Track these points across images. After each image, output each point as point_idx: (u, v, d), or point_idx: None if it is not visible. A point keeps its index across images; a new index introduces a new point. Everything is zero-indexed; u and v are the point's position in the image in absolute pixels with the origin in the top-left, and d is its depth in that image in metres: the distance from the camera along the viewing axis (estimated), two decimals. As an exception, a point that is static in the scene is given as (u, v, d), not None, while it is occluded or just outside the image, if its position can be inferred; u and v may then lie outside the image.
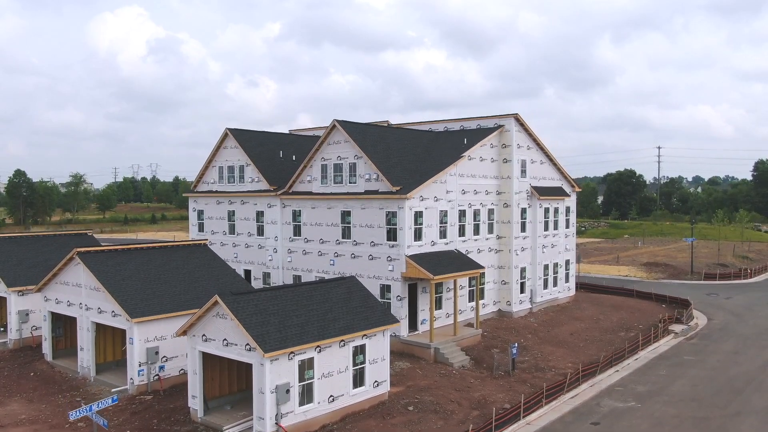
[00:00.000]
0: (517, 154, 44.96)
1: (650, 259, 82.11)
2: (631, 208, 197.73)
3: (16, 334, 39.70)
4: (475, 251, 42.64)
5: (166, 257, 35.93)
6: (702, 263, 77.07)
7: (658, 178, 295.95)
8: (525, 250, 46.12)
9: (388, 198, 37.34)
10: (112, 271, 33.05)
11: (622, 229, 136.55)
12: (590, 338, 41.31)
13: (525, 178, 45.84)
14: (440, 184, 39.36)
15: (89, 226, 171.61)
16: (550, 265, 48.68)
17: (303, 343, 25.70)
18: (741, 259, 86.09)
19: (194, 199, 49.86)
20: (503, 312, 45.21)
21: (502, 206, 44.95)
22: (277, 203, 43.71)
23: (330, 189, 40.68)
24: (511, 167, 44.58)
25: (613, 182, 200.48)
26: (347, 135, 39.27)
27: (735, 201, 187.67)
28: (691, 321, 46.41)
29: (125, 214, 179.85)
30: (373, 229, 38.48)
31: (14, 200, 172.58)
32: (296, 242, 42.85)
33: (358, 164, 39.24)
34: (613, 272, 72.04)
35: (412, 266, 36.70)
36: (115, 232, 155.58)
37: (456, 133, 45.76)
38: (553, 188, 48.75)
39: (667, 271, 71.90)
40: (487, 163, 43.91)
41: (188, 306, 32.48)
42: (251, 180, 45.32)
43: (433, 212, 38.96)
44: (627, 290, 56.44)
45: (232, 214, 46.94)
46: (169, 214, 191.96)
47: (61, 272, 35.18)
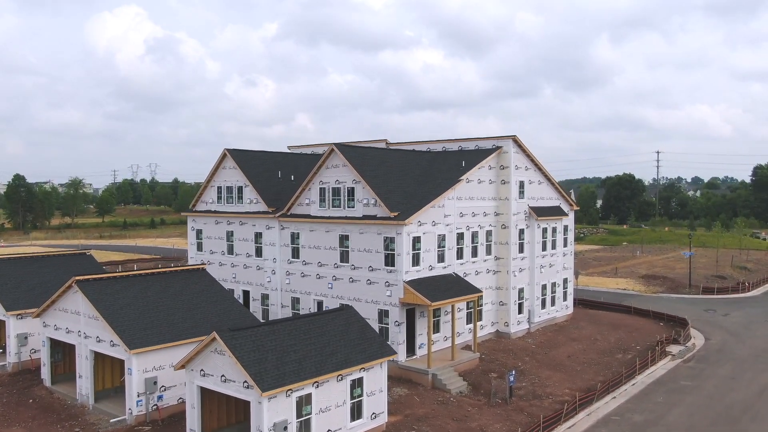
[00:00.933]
0: (516, 175, 45.07)
1: (648, 271, 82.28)
2: (630, 213, 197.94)
3: (15, 357, 39.76)
4: (473, 273, 42.75)
5: (164, 284, 35.99)
6: (700, 275, 77.22)
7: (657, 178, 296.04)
8: (523, 271, 46.22)
9: (386, 224, 37.45)
10: (111, 300, 33.13)
11: (621, 236, 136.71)
12: (588, 361, 41.42)
13: (523, 199, 45.94)
14: (438, 209, 39.47)
15: (88, 230, 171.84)
16: (548, 285, 48.79)
17: (301, 380, 25.79)
18: (739, 269, 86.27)
19: (193, 218, 49.94)
20: (501, 333, 45.31)
21: (500, 227, 45.05)
22: (275, 225, 43.81)
23: (328, 213, 40.77)
24: (510, 189, 44.68)
25: (612, 187, 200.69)
26: (345, 159, 39.36)
27: (734, 206, 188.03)
28: (689, 341, 46.52)
29: (124, 219, 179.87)
30: (371, 254, 38.57)
31: (13, 205, 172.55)
32: (294, 264, 42.94)
33: (356, 189, 39.33)
34: (612, 285, 72.17)
35: (410, 292, 36.81)
36: (114, 237, 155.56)
37: (454, 153, 45.84)
38: (551, 208, 48.85)
39: (665, 284, 72.03)
40: (485, 184, 44.01)
41: (187, 335, 32.56)
42: (250, 201, 45.40)
43: (431, 237, 39.06)
44: (625, 307, 56.54)
45: (230, 235, 47.02)
46: (168, 218, 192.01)
47: (59, 299, 35.23)
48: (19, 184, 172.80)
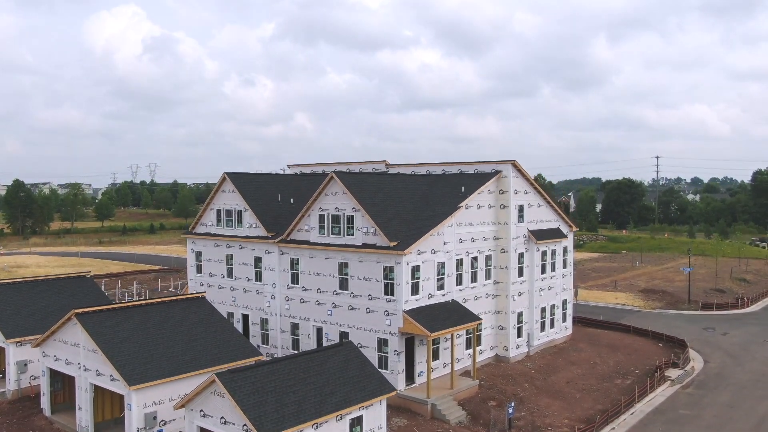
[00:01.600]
0: (515, 199, 45.09)
1: (648, 284, 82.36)
2: (629, 218, 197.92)
3: (15, 384, 39.77)
4: (472, 299, 42.80)
5: (163, 314, 36.01)
6: (699, 288, 77.29)
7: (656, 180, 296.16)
8: (522, 295, 46.26)
9: (386, 253, 37.48)
10: (110, 333, 33.15)
11: (620, 243, 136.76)
12: (587, 387, 41.45)
13: (522, 223, 45.97)
14: (438, 237, 39.50)
15: (88, 236, 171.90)
16: (548, 308, 48.84)
17: (300, 423, 25.84)
18: (738, 282, 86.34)
19: (192, 240, 49.95)
20: (500, 357, 45.37)
21: (499, 252, 45.08)
22: (275, 250, 43.83)
23: (328, 240, 40.80)
24: (509, 213, 44.72)
25: (612, 191, 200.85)
26: (344, 187, 39.38)
27: (733, 211, 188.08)
28: (688, 365, 46.58)
29: (124, 224, 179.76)
30: (370, 283, 38.61)
31: (13, 210, 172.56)
32: (294, 290, 42.98)
33: (355, 217, 39.36)
34: (611, 300, 72.22)
35: (409, 322, 36.85)
36: (113, 243, 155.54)
37: (454, 177, 45.85)
38: (551, 230, 48.89)
39: (664, 299, 72.08)
40: (485, 209, 44.05)
41: (186, 368, 32.61)
42: (249, 225, 45.42)
43: (430, 265, 39.10)
44: (624, 326, 56.60)
45: (230, 258, 47.04)
46: (167, 222, 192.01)
47: (59, 330, 35.25)
48: (18, 190, 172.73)
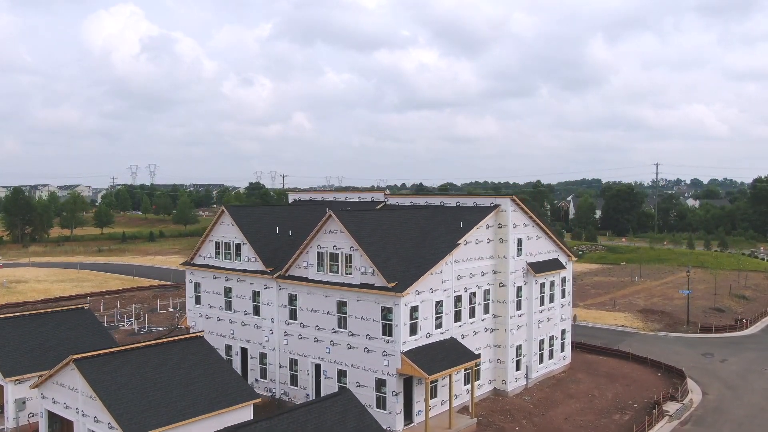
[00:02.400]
0: (513, 233, 45.10)
1: (647, 302, 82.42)
2: (629, 225, 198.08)
3: (13, 422, 39.80)
4: (470, 334, 42.84)
5: (162, 356, 35.98)
6: (698, 307, 77.35)
7: (656, 185, 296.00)
8: (521, 328, 46.28)
9: (384, 294, 37.49)
10: (108, 379, 33.13)
11: (619, 254, 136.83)
12: (585, 425, 41.45)
13: (521, 256, 45.98)
14: (436, 275, 39.49)
15: (87, 244, 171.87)
16: (546, 339, 48.86)
17: (297, 483, 25.84)
18: (737, 299, 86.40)
19: (191, 271, 49.95)
20: (499, 391, 45.40)
21: (498, 286, 45.10)
22: (273, 285, 43.83)
23: (326, 277, 40.79)
24: (507, 247, 44.72)
25: (611, 198, 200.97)
26: (342, 226, 39.38)
27: (733, 219, 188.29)
28: (686, 397, 46.59)
29: (123, 231, 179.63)
30: (368, 322, 38.63)
31: (12, 218, 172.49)
32: (292, 326, 42.99)
33: (354, 256, 39.35)
34: (610, 320, 72.25)
35: (407, 364, 36.87)
36: (113, 251, 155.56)
37: (452, 210, 45.84)
38: (549, 262, 48.90)
39: (663, 319, 72.11)
40: (483, 244, 44.05)
41: (184, 414, 32.59)
42: (248, 259, 45.42)
43: (428, 305, 39.12)
44: (623, 353, 56.63)
45: (228, 291, 47.04)
46: (166, 229, 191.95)
47: (57, 374, 35.23)
48: (18, 197, 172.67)
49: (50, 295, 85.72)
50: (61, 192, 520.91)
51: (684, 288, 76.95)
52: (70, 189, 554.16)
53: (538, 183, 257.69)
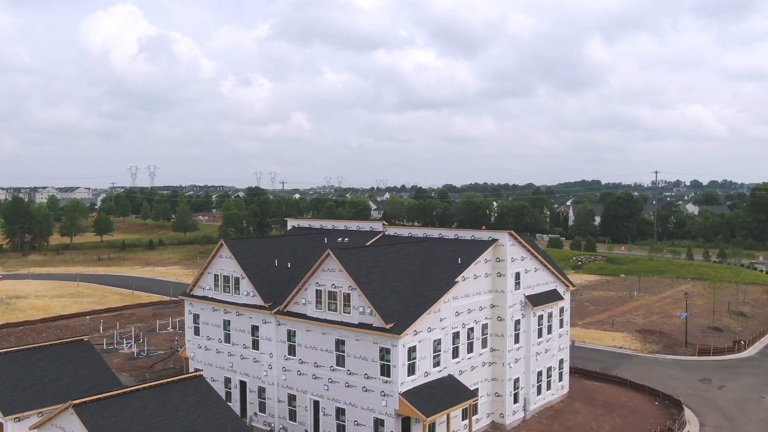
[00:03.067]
0: (511, 267, 45.24)
1: (645, 320, 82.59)
2: (628, 232, 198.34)
3: (13, 460, 39.92)
4: (468, 369, 42.98)
5: (161, 399, 36.07)
6: (697, 326, 77.49)
7: (655, 194, 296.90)
8: (519, 361, 46.43)
9: (382, 335, 37.63)
10: (107, 424, 33.21)
11: (618, 265, 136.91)
12: (582, 461, 41.61)
13: (519, 290, 46.13)
14: (434, 314, 39.63)
15: (87, 252, 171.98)
16: (544, 371, 49.00)
17: None
18: (736, 317, 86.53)
19: (190, 302, 50.09)
20: (496, 424, 45.55)
21: (496, 320, 45.25)
22: (272, 320, 43.97)
23: (325, 315, 40.92)
24: (505, 281, 44.86)
25: (611, 206, 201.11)
26: (340, 265, 39.51)
27: (732, 226, 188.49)
28: (684, 429, 46.74)
29: (123, 240, 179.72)
30: (366, 362, 38.77)
31: (12, 227, 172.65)
32: (291, 361, 43.13)
33: (352, 295, 39.48)
34: (608, 341, 72.39)
35: (405, 405, 37.03)
36: (112, 261, 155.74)
37: (451, 243, 45.98)
38: (547, 293, 49.03)
39: (661, 341, 72.25)
40: (482, 278, 44.19)
41: (183, 461, 32.76)
42: (246, 293, 45.56)
43: (426, 344, 39.26)
44: (621, 379, 56.78)
45: (227, 324, 47.18)
46: (166, 237, 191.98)
47: (57, 417, 35.36)
48: (17, 205, 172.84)
49: (50, 312, 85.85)
50: (61, 194, 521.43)
51: (682, 309, 77.15)
52: (69, 191, 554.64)
53: (537, 190, 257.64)
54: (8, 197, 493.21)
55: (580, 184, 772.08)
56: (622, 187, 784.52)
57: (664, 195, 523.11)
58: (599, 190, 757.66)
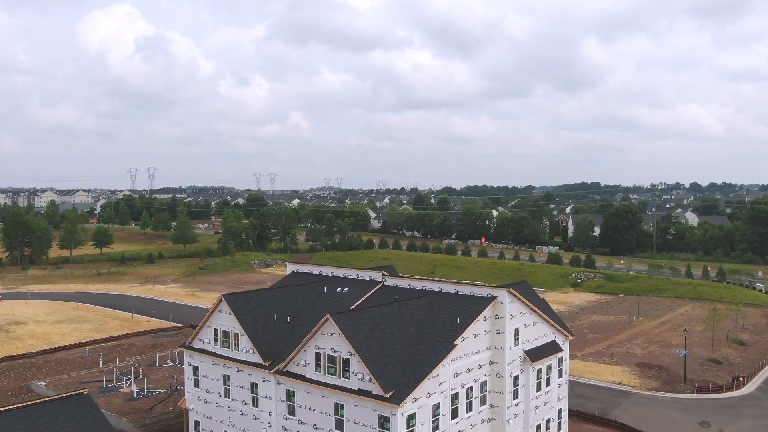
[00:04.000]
0: (510, 324, 45.28)
1: (644, 351, 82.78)
2: (627, 244, 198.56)
3: None
4: (467, 428, 43.02)
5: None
6: (696, 358, 77.70)
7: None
8: (518, 416, 46.50)
9: (381, 403, 37.67)
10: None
11: (618, 283, 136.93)
12: None
13: (518, 346, 46.17)
14: (433, 380, 39.66)
15: (86, 266, 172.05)
16: (543, 424, 49.07)
17: None
18: (735, 345, 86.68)
19: (190, 354, 50.13)
20: (496, 480, 45.60)
21: (495, 376, 45.29)
22: (271, 380, 44.01)
23: (324, 378, 40.95)
24: (504, 338, 44.91)
25: (610, 218, 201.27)
26: (339, 330, 39.51)
27: (732, 239, 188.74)
28: (682, 484, 46.87)
29: (122, 254, 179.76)
30: (366, 428, 38.79)
31: (11, 240, 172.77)
32: (291, 421, 43.17)
33: (351, 361, 39.52)
34: (607, 375, 72.53)
35: (404, 475, 37.08)
36: (112, 276, 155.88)
37: (449, 299, 45.99)
38: (546, 346, 49.07)
39: (660, 376, 72.38)
40: (481, 336, 44.23)
41: None
42: (246, 350, 45.58)
43: (425, 410, 39.30)
44: (620, 424, 56.94)
45: (227, 379, 47.21)
46: (165, 249, 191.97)
47: (56, 490, 35.47)
48: (17, 220, 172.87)
49: (49, 341, 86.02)
50: (61, 198, 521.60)
51: (682, 337, 77.25)
52: (69, 194, 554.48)
53: (537, 202, 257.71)
54: (8, 201, 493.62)
55: (580, 186, 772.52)
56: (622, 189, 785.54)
57: (663, 199, 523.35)
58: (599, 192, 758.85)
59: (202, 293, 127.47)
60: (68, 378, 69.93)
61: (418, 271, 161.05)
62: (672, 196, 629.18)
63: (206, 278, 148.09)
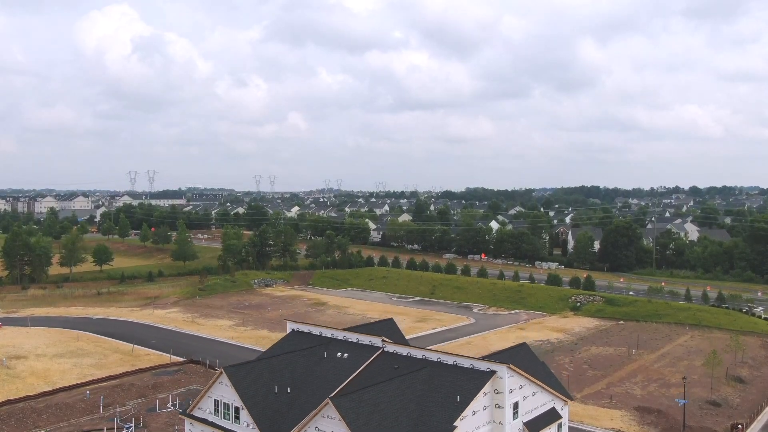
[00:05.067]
0: (510, 398, 45.52)
1: (644, 391, 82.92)
2: (626, 261, 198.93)
3: None
4: (467, 506, 43.22)
5: None
6: (695, 400, 77.85)
7: (653, 219, 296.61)
8: (517, 489, 46.72)
9: (381, 493, 37.87)
10: None
11: (617, 307, 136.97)
12: None
13: (517, 419, 46.39)
14: (433, 465, 39.90)
15: (86, 284, 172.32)
16: (542, 494, 49.30)
17: None
18: (735, 384, 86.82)
19: (191, 422, 50.31)
20: None
21: (494, 451, 45.51)
22: (271, 457, 44.20)
23: (324, 462, 41.18)
24: (504, 413, 45.14)
25: (610, 234, 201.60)
26: (339, 414, 39.73)
27: (731, 256, 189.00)
28: None
29: (122, 272, 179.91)
30: None
31: (11, 260, 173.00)
32: (291, 500, 43.37)
33: (351, 447, 39.70)
34: (606, 421, 72.61)
35: None
36: (112, 297, 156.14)
37: (449, 372, 46.22)
38: (546, 414, 49.30)
39: (659, 422, 72.48)
40: (480, 412, 44.45)
41: None
42: (246, 424, 45.77)
43: (425, 496, 39.53)
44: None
45: (227, 451, 47.40)
46: (165, 266, 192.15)
47: None
48: (16, 239, 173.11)
49: (50, 379, 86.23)
50: (61, 203, 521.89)
51: (681, 373, 77.38)
52: (69, 199, 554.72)
53: (536, 214, 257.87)
54: (8, 208, 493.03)
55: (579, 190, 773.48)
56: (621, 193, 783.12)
57: (663, 206, 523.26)
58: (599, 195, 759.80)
59: (202, 319, 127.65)
60: (69, 426, 70.05)
61: (418, 292, 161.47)
62: (672, 201, 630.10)
63: (206, 301, 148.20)
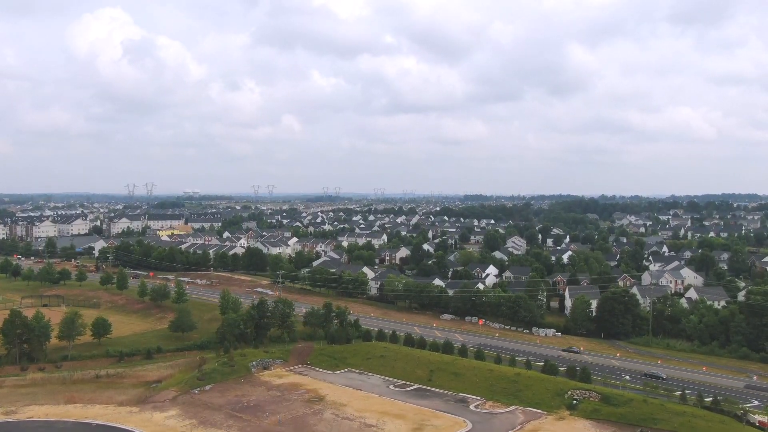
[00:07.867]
0: None
1: None
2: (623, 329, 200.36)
3: None
4: None
5: None
6: None
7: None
8: None
9: None
10: None
11: (613, 407, 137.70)
12: None
13: None
14: None
15: (85, 363, 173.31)
16: None
17: None
18: None
19: None
20: None
21: None
22: None
23: None
24: None
25: (606, 301, 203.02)
26: None
27: (727, 328, 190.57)
28: None
29: (121, 351, 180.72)
30: None
31: (9, 339, 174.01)
32: None
33: None
34: None
35: None
36: (111, 382, 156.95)
37: None
38: None
39: None
40: None
41: None
42: None
43: None
44: None
45: None
46: (163, 339, 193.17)
47: None
48: (15, 319, 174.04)
49: None
50: (59, 226, 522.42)
51: None
52: (67, 222, 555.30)
53: (533, 278, 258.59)
54: (5, 235, 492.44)
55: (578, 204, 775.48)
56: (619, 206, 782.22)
57: (660, 224, 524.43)
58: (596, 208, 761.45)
59: (201, 430, 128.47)
60: None
61: (416, 377, 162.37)
62: (670, 217, 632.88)
63: (205, 397, 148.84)
